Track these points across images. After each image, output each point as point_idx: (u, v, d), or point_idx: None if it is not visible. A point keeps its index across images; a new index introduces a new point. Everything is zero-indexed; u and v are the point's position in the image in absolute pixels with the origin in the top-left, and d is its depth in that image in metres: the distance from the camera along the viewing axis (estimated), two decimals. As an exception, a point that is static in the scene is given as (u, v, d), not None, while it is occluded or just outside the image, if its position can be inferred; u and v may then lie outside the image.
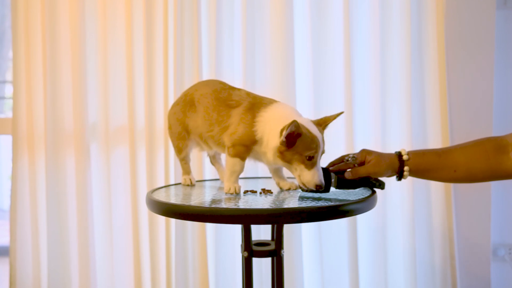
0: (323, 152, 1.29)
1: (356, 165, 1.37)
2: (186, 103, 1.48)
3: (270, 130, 1.29)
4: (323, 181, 1.26)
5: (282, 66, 2.05)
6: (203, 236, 2.08)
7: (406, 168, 1.35)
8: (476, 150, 1.33)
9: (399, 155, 1.37)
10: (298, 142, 1.24)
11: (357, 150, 2.06)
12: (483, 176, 1.33)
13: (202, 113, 1.42)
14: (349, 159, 1.38)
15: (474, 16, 2.06)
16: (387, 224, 2.08)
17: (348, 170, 1.34)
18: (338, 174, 1.36)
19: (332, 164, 1.42)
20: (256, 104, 1.35)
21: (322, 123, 1.33)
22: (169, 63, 2.12)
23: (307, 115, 2.05)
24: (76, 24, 2.13)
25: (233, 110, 1.37)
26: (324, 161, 1.40)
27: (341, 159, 1.41)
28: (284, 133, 1.22)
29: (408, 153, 1.36)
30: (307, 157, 1.25)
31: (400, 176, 1.37)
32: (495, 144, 1.32)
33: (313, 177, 1.25)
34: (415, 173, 1.37)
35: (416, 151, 1.39)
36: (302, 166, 1.26)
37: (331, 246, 2.09)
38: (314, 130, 1.27)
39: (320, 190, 1.27)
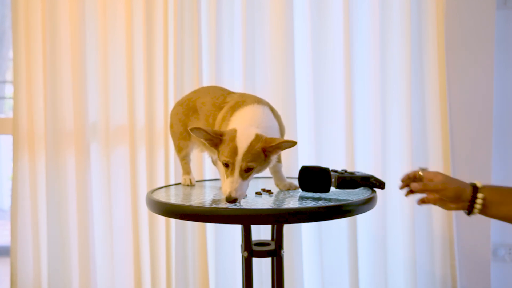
0: (247, 167, 1.19)
1: (424, 175, 1.33)
2: (189, 108, 1.50)
3: None
4: (235, 194, 1.16)
5: (282, 66, 2.05)
6: (203, 236, 2.08)
7: (480, 195, 1.25)
8: None
9: (473, 185, 1.28)
10: (220, 147, 1.22)
11: (356, 150, 2.06)
12: None
13: (203, 121, 1.44)
14: (419, 169, 1.35)
15: (474, 16, 2.06)
16: (387, 224, 2.07)
17: (417, 184, 1.31)
18: (338, 174, 1.36)
19: (407, 177, 1.38)
20: (238, 103, 1.35)
21: (268, 144, 1.21)
22: (169, 63, 2.12)
23: (307, 116, 2.07)
24: (76, 24, 2.13)
25: (221, 111, 1.39)
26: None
27: (414, 173, 1.37)
28: (201, 132, 1.20)
29: (483, 185, 1.29)
30: (224, 163, 1.20)
31: (472, 205, 1.26)
32: None
33: (226, 186, 1.19)
34: (488, 202, 1.26)
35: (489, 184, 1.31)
36: (224, 172, 1.21)
37: (331, 246, 2.09)
38: (241, 142, 1.19)
39: (231, 202, 1.17)
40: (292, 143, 1.19)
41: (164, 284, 2.15)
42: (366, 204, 1.25)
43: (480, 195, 1.26)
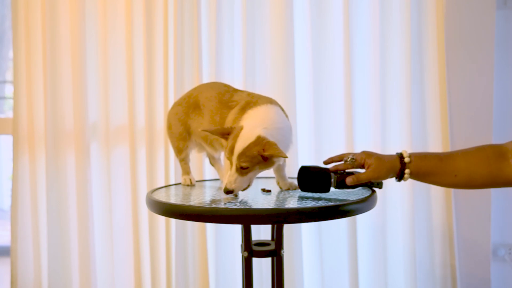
0: (241, 166, 1.22)
1: (355, 167, 1.36)
2: (190, 105, 1.48)
3: None
4: (229, 186, 1.22)
5: (282, 65, 2.05)
6: (203, 236, 2.08)
7: (407, 170, 1.34)
8: (477, 156, 1.33)
9: (400, 156, 1.35)
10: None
11: (356, 150, 2.06)
12: (483, 182, 1.33)
13: (207, 116, 1.43)
14: (348, 159, 1.36)
15: (474, 16, 2.06)
16: (387, 224, 2.08)
17: (349, 176, 1.33)
18: (338, 174, 1.35)
19: (331, 160, 1.41)
20: (249, 104, 1.34)
21: (263, 152, 1.22)
22: (169, 63, 2.12)
23: (307, 115, 2.07)
24: (76, 24, 2.13)
25: (231, 110, 1.38)
26: (323, 158, 1.40)
27: (341, 158, 1.40)
28: (215, 128, 1.30)
29: (410, 155, 1.35)
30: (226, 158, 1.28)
31: (400, 178, 1.36)
32: (496, 151, 1.32)
33: (225, 178, 1.26)
34: (415, 176, 1.36)
35: (418, 153, 1.37)
36: (220, 171, 1.30)
37: (331, 246, 2.09)
38: (240, 142, 1.22)
39: (227, 193, 1.23)
40: (284, 157, 1.21)
41: (164, 284, 2.15)
42: (366, 204, 1.25)
43: (407, 170, 1.34)
